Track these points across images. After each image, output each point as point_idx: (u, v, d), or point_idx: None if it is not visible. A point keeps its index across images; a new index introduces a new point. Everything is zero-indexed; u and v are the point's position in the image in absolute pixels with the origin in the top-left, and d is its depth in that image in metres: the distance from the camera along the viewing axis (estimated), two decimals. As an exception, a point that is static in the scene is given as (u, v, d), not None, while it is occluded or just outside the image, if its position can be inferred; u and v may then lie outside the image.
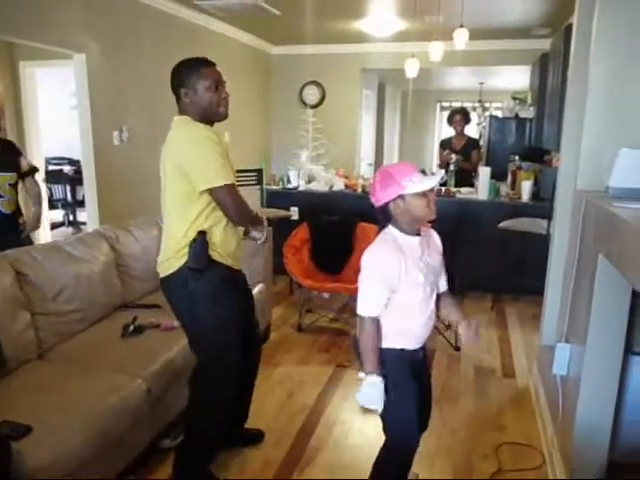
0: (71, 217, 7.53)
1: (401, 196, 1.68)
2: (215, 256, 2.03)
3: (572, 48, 2.79)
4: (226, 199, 1.95)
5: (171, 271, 2.05)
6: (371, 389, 1.71)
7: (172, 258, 2.03)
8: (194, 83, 1.98)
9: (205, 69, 2.00)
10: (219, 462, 2.32)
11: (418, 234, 1.78)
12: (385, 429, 1.92)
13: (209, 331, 2.09)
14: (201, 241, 1.97)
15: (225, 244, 2.06)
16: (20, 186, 3.27)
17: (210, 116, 2.03)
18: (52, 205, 6.93)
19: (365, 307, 1.75)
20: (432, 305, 1.84)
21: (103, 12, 4.25)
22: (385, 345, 1.79)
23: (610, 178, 2.05)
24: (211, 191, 1.93)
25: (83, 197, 5.06)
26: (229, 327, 2.09)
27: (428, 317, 1.82)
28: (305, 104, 7.25)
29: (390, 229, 1.77)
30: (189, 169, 1.93)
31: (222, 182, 1.91)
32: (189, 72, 2.00)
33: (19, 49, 5.51)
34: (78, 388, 2.06)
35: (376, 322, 1.75)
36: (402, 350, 1.80)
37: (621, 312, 1.91)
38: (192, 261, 1.97)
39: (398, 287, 1.71)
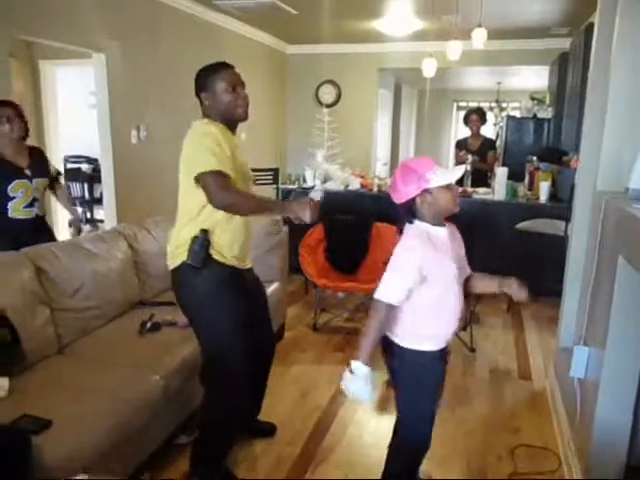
0: (89, 215, 7.60)
1: (427, 190, 1.67)
2: (216, 256, 2.04)
3: (593, 48, 2.76)
4: (208, 185, 1.89)
5: (174, 266, 2.08)
6: (361, 382, 1.67)
7: (174, 253, 2.07)
8: (213, 86, 2.01)
9: (223, 72, 2.03)
10: (231, 458, 2.33)
11: (443, 225, 1.77)
12: (399, 424, 1.93)
13: (209, 330, 2.11)
14: (201, 239, 1.99)
15: (229, 245, 2.07)
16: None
17: (229, 117, 2.06)
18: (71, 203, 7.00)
19: (384, 292, 1.70)
20: (462, 303, 1.82)
21: (123, 12, 4.29)
22: (415, 347, 1.78)
23: (630, 179, 2.03)
24: (198, 178, 1.92)
25: (101, 195, 5.11)
26: (229, 328, 2.07)
27: (458, 317, 1.81)
28: (321, 103, 7.26)
29: (417, 223, 1.74)
30: (187, 160, 1.97)
31: (207, 168, 1.88)
32: (208, 76, 2.03)
33: (39, 48, 5.59)
34: (96, 383, 2.09)
35: (389, 311, 1.71)
36: (429, 351, 1.80)
37: (641, 315, 1.89)
38: (190, 258, 2.00)
39: (429, 278, 1.68)
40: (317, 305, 4.04)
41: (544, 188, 4.58)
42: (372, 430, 2.68)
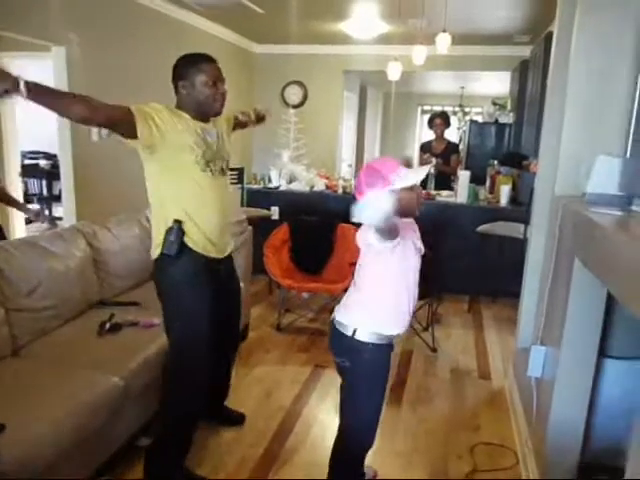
0: (47, 212, 7.40)
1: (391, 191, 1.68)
2: (191, 244, 2.09)
3: (552, 56, 2.84)
4: None
5: (154, 257, 2.13)
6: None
7: (155, 244, 2.12)
8: (193, 77, 2.04)
9: (205, 65, 2.06)
10: (194, 461, 2.30)
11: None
12: (347, 420, 1.96)
13: (179, 317, 2.14)
14: (175, 230, 2.04)
15: (203, 233, 2.11)
16: None
17: (205, 110, 2.11)
18: (27, 200, 6.81)
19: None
20: (416, 295, 1.84)
21: (84, 5, 4.18)
22: (375, 341, 1.79)
23: (587, 184, 2.10)
24: None
25: (59, 192, 4.98)
26: (197, 315, 2.12)
27: (414, 298, 1.83)
28: (287, 104, 7.24)
29: None
30: None
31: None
32: (189, 66, 2.05)
33: (-4, 39, 5.40)
34: (53, 385, 2.03)
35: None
36: (388, 344, 1.82)
37: (596, 315, 1.95)
38: (166, 248, 2.05)
39: (399, 246, 1.65)
40: (281, 305, 4.03)
41: (504, 192, 4.69)
42: (335, 430, 2.68)
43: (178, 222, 2.04)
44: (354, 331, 1.81)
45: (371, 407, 1.90)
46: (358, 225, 1.83)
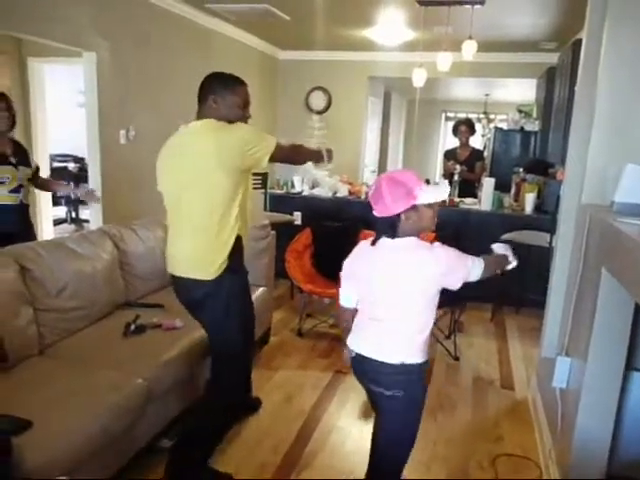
0: (74, 214, 7.54)
1: (414, 207, 1.63)
2: (240, 258, 2.20)
3: (580, 64, 2.81)
4: (284, 152, 2.17)
5: (212, 277, 2.08)
6: None
7: (215, 266, 2.08)
8: (227, 97, 2.11)
9: (239, 87, 2.16)
10: (215, 464, 2.32)
11: None
12: (393, 446, 1.84)
13: (231, 327, 2.19)
14: (237, 245, 2.12)
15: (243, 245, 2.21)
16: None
17: None
18: (55, 202, 6.94)
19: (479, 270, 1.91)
20: None
21: (114, 12, 4.27)
22: (421, 360, 1.73)
23: (615, 193, 2.06)
24: (272, 155, 2.06)
25: (87, 195, 5.06)
26: (247, 322, 2.29)
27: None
28: (311, 109, 7.28)
29: (409, 239, 1.69)
30: (242, 150, 2.00)
31: (274, 142, 2.08)
32: (224, 85, 2.12)
33: (28, 45, 5.53)
34: (78, 385, 2.06)
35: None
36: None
37: (623, 327, 1.91)
38: (233, 264, 2.11)
39: None
40: (302, 310, 4.04)
41: (529, 199, 4.63)
42: (355, 437, 2.68)
43: (239, 237, 2.12)
44: (406, 358, 1.71)
45: (418, 427, 1.82)
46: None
